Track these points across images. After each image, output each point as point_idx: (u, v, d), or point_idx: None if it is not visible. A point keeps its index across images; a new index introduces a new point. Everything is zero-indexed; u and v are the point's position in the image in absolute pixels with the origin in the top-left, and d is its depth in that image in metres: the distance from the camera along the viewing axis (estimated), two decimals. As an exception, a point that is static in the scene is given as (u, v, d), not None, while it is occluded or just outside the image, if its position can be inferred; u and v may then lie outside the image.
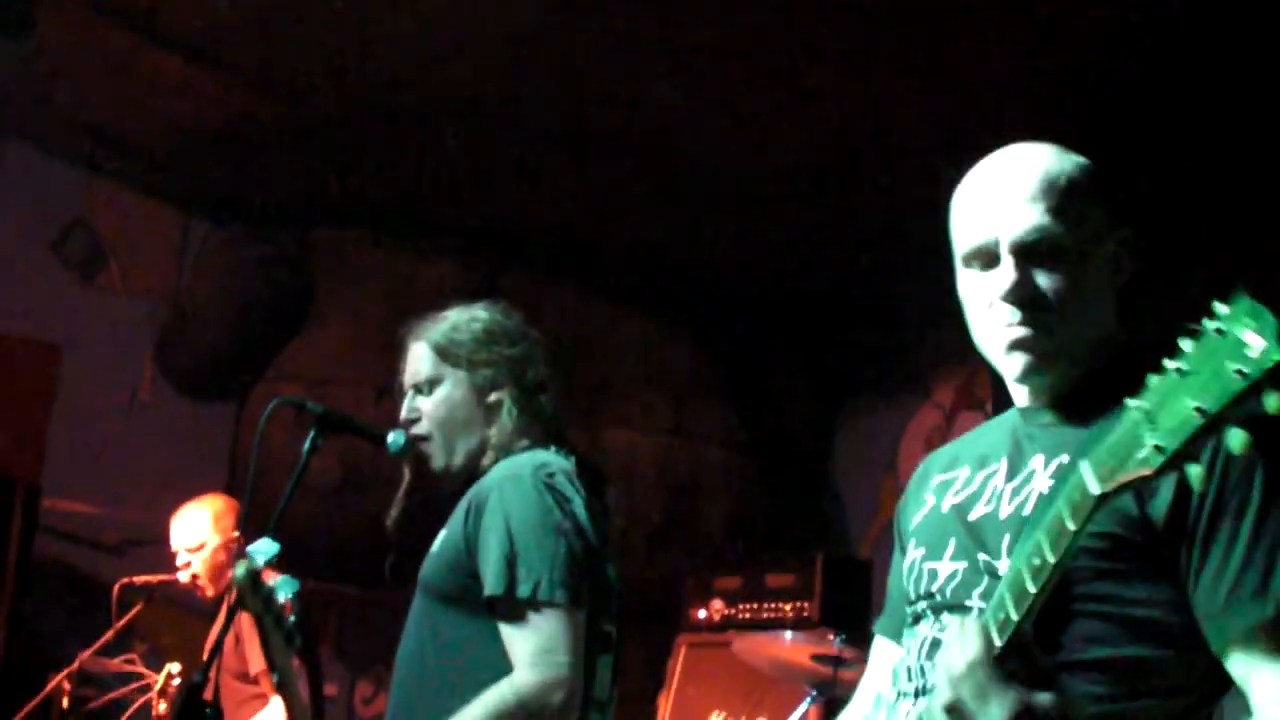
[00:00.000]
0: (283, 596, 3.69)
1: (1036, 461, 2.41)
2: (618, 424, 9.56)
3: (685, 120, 7.89)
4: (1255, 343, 1.86)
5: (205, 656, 3.91)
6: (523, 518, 3.59)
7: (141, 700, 6.68)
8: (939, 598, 2.44)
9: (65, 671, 6.64)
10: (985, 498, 2.46)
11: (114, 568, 7.67)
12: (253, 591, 3.71)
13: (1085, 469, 2.04)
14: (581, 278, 9.56)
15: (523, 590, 3.52)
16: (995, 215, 2.42)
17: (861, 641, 5.85)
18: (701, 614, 7.98)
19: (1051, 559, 2.06)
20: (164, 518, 6.66)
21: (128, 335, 9.41)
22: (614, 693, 3.79)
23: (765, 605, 7.71)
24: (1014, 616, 2.10)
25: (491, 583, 3.55)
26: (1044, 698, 2.09)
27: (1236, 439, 1.93)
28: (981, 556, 2.37)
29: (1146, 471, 1.95)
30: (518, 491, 3.64)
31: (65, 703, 6.64)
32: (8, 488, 7.43)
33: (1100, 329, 2.45)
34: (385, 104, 8.15)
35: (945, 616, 2.40)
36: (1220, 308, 1.92)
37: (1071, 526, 2.04)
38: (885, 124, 7.30)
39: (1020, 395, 2.54)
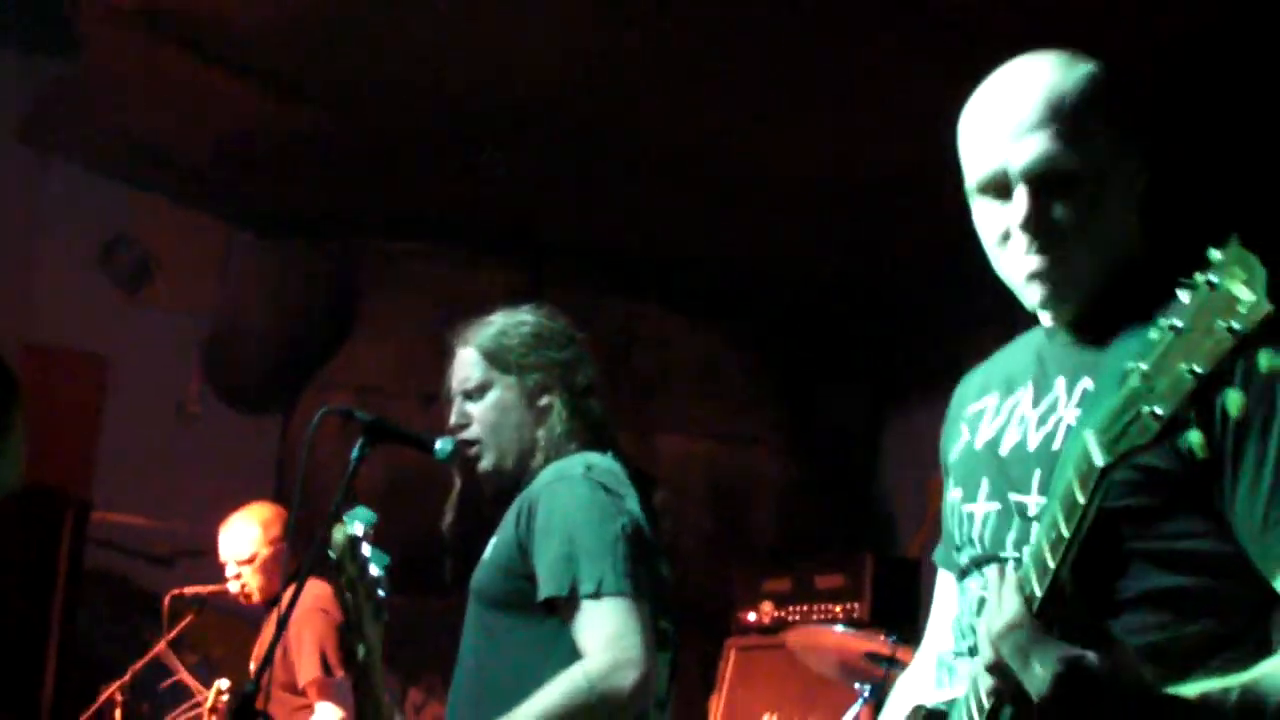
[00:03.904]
0: (376, 570, 3.67)
1: (1060, 385, 2.39)
2: (668, 429, 9.56)
3: (736, 128, 7.88)
4: (1246, 296, 1.85)
5: (255, 665, 3.91)
6: (579, 515, 3.57)
7: (192, 714, 6.68)
8: (978, 547, 2.42)
9: (117, 683, 6.66)
10: (1013, 426, 2.44)
11: (164, 579, 7.70)
12: (350, 558, 3.69)
13: (1090, 439, 2.02)
14: (631, 284, 9.56)
15: (586, 587, 3.50)
16: (1003, 143, 2.34)
17: (913, 641, 5.80)
18: (751, 616, 7.96)
19: (1067, 533, 2.06)
20: (213, 529, 6.67)
21: (174, 348, 9.45)
22: (672, 691, 3.77)
23: (815, 607, 7.69)
24: (1037, 593, 2.09)
25: (553, 584, 3.53)
26: (1090, 656, 2.07)
27: (1233, 402, 1.96)
28: (1013, 496, 2.36)
29: (1146, 440, 1.96)
30: (570, 490, 3.62)
31: (118, 714, 6.66)
32: (58, 501, 7.47)
33: (1120, 249, 2.39)
34: (431, 115, 8.17)
35: (987, 570, 2.37)
36: (1214, 254, 1.90)
37: (1081, 500, 2.04)
38: (933, 130, 7.26)
39: (1044, 316, 2.49)
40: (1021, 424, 2.42)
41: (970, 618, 2.43)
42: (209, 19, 7.66)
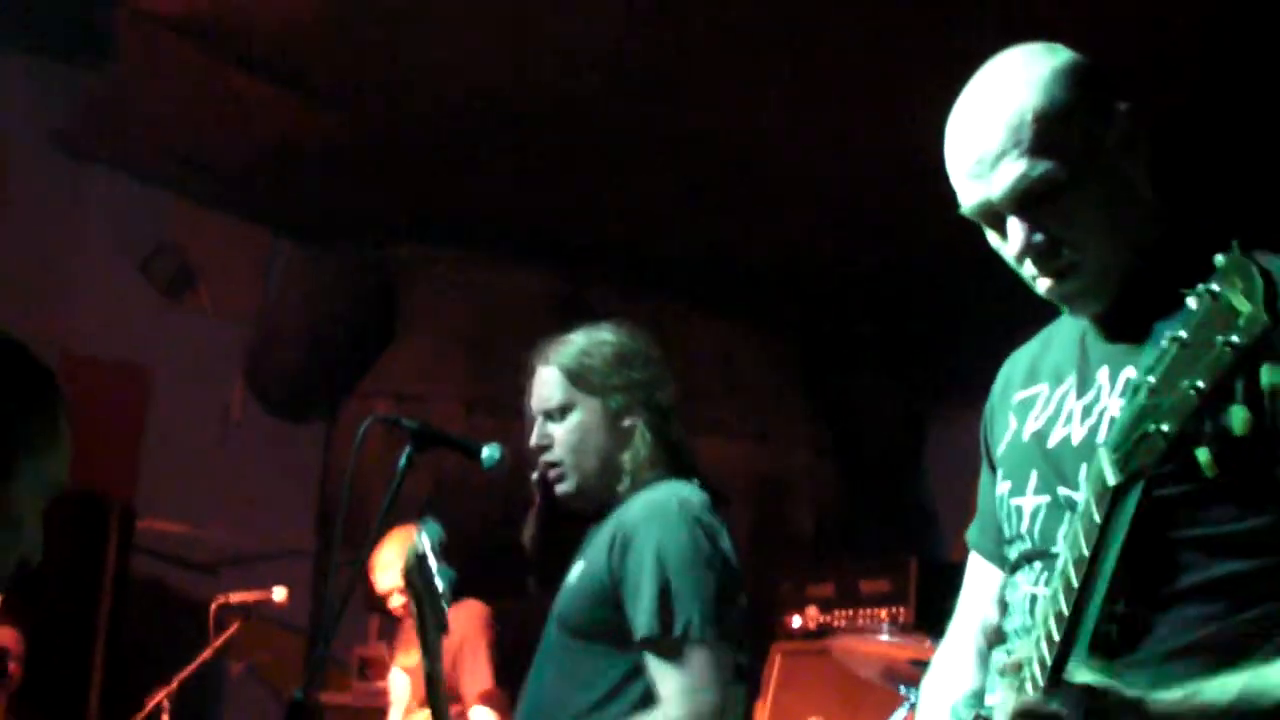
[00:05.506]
0: (441, 585, 3.67)
1: (1102, 375, 2.35)
2: (705, 431, 9.52)
3: (769, 128, 7.86)
4: (1244, 308, 1.86)
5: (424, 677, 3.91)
6: (674, 556, 3.54)
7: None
8: (1028, 541, 2.40)
9: (164, 691, 6.67)
10: (1062, 419, 2.40)
11: (208, 587, 7.71)
12: (419, 572, 3.69)
13: (1104, 458, 2.03)
14: (666, 285, 9.54)
15: (676, 629, 3.49)
16: (978, 178, 2.33)
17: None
18: (796, 622, 7.93)
19: (1088, 551, 2.06)
20: (256, 537, 6.68)
21: (217, 356, 9.47)
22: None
23: (860, 611, 7.66)
24: (1056, 637, 2.10)
25: (645, 624, 3.51)
26: None
27: (1238, 418, 1.93)
28: (1061, 490, 2.33)
29: (1155, 458, 1.98)
30: (666, 529, 3.58)
31: (165, 721, 6.68)
32: (103, 509, 7.50)
33: (1140, 221, 2.35)
34: (466, 120, 8.17)
35: (1038, 565, 2.36)
36: (1219, 260, 1.91)
37: (1099, 520, 2.05)
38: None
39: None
40: (1069, 417, 2.39)
41: (1023, 617, 2.39)
42: (247, 27, 7.68)
